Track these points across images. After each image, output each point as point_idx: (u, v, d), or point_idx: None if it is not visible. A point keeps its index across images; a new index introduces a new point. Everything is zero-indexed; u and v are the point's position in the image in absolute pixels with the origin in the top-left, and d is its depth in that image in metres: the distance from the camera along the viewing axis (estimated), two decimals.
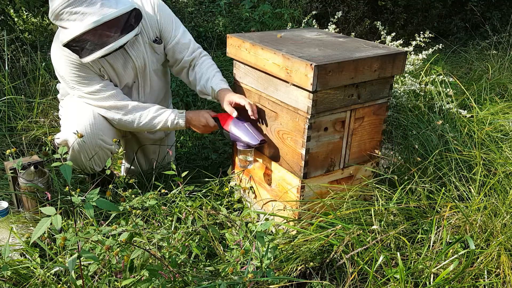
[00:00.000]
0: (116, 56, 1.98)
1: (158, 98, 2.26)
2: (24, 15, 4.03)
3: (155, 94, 2.23)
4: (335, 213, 1.75)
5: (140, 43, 2.03)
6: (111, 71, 2.01)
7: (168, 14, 2.08)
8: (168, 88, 2.37)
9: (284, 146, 1.86)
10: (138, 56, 2.04)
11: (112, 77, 2.03)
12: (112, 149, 2.09)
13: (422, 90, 2.94)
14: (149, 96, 2.20)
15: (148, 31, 2.03)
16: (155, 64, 2.13)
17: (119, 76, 2.04)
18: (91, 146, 2.00)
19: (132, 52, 2.02)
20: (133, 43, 2.00)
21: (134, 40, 2.00)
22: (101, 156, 2.07)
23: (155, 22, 2.04)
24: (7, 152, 1.71)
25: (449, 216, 1.79)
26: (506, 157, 2.17)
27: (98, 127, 2.00)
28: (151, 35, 2.05)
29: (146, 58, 2.07)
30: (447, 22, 6.13)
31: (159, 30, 2.07)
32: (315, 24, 3.57)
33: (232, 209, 2.11)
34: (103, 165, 2.13)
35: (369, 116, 1.90)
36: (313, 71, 1.59)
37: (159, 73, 2.20)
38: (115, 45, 1.80)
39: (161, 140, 2.42)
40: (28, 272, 1.57)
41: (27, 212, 1.90)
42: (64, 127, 2.07)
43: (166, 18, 2.07)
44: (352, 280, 1.53)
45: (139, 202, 1.65)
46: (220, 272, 1.51)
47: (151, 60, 2.10)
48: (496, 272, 1.60)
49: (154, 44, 2.07)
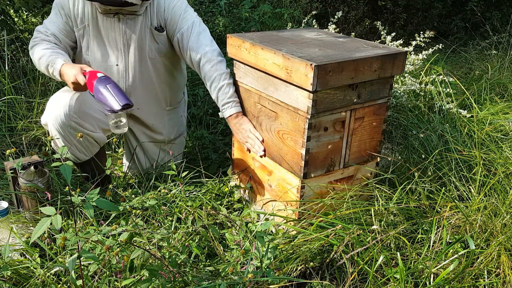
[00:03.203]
0: (106, 20, 2.02)
1: (153, 92, 2.22)
2: (24, 15, 4.03)
3: (147, 83, 2.18)
4: (335, 213, 1.75)
5: (137, 25, 2.04)
6: (96, 30, 2.05)
7: (177, 8, 2.08)
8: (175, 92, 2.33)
9: (284, 146, 1.86)
10: (125, 32, 2.04)
11: (91, 36, 2.06)
12: (94, 135, 2.08)
13: (422, 90, 2.94)
14: (140, 84, 2.16)
15: (152, 16, 2.06)
16: (154, 52, 2.13)
17: (96, 41, 2.07)
18: (66, 129, 2.00)
19: (122, 26, 2.03)
20: (129, 20, 2.02)
21: (132, 18, 2.02)
22: (82, 143, 2.08)
23: (161, 10, 2.06)
24: (7, 152, 1.71)
25: (449, 216, 1.79)
26: (506, 157, 2.17)
27: (73, 110, 2.00)
28: (155, 22, 2.07)
29: (141, 42, 2.07)
30: (447, 22, 6.13)
31: (164, 20, 2.08)
32: (315, 24, 3.57)
33: (232, 209, 2.10)
34: (87, 154, 2.13)
35: (369, 116, 1.90)
36: (313, 71, 1.59)
37: (158, 64, 2.17)
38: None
39: (164, 142, 2.41)
40: (28, 272, 1.57)
41: (27, 212, 1.90)
42: (45, 109, 2.10)
43: (174, 11, 2.07)
44: (352, 280, 1.53)
45: (139, 202, 1.65)
46: (220, 272, 1.51)
47: (149, 47, 2.11)
48: (496, 272, 1.60)
49: (155, 31, 2.08)
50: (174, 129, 2.42)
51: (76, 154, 2.10)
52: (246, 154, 2.12)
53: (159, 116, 2.33)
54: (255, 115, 1.99)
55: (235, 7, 4.75)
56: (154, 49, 2.12)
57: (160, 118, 2.33)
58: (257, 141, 1.99)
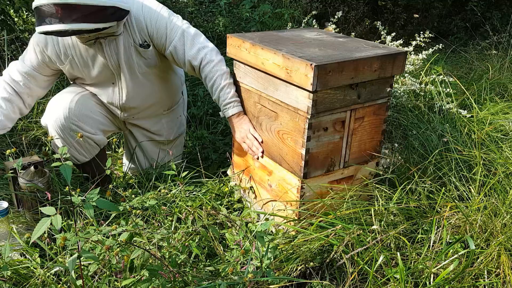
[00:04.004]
0: (89, 48, 1.97)
1: (150, 101, 2.22)
2: (24, 15, 4.03)
3: (143, 97, 2.18)
4: (335, 213, 1.75)
5: (120, 44, 1.98)
6: (82, 59, 2.02)
7: (160, 20, 1.99)
8: (172, 95, 2.32)
9: (284, 146, 1.86)
10: (111, 55, 2.00)
11: (80, 66, 2.04)
12: (94, 138, 2.09)
13: (422, 90, 2.94)
14: (135, 99, 2.16)
15: (134, 34, 1.99)
16: (143, 67, 2.08)
17: (87, 69, 2.04)
18: (66, 132, 2.01)
19: (107, 49, 1.98)
20: (111, 42, 1.97)
21: (113, 39, 1.97)
22: (82, 145, 2.08)
23: (143, 27, 1.99)
24: (7, 152, 1.71)
25: (449, 216, 1.79)
26: (506, 157, 2.17)
27: (73, 113, 2.01)
28: (138, 39, 2.00)
29: (128, 61, 2.03)
30: (447, 22, 6.13)
31: (149, 36, 2.01)
32: (315, 24, 3.57)
33: (232, 209, 2.10)
34: (87, 156, 2.13)
35: (369, 116, 1.90)
36: (313, 71, 1.59)
37: (150, 76, 2.14)
38: (61, 28, 1.73)
39: (164, 143, 2.41)
40: (28, 272, 1.57)
41: (27, 212, 1.90)
42: (46, 111, 2.10)
43: (158, 25, 1.99)
44: (352, 280, 1.53)
45: (139, 202, 1.66)
46: (220, 272, 1.51)
47: (137, 64, 2.06)
48: (496, 272, 1.60)
49: (140, 48, 2.02)
50: (173, 130, 2.42)
51: (76, 156, 2.11)
52: (246, 154, 2.12)
53: (157, 120, 2.33)
54: (255, 115, 1.99)
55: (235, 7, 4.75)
56: (143, 64, 2.08)
57: (158, 122, 2.34)
58: (255, 142, 1.99)
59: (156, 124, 2.33)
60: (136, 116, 2.26)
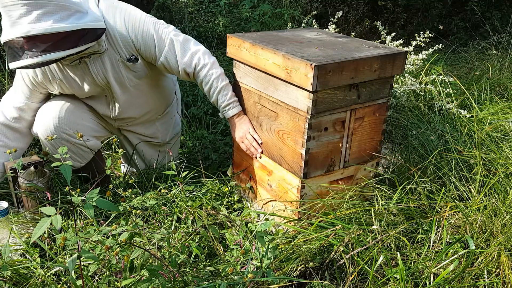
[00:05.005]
0: (75, 68, 1.93)
1: (144, 110, 2.21)
2: None
3: (137, 107, 2.17)
4: (335, 213, 1.75)
5: (106, 62, 1.94)
6: (71, 80, 1.98)
7: (146, 32, 1.93)
8: (166, 98, 2.31)
9: (284, 146, 1.86)
10: (98, 73, 1.95)
11: (70, 86, 2.01)
12: (87, 144, 2.07)
13: (422, 90, 2.94)
14: (129, 110, 2.15)
15: (119, 50, 1.94)
16: (134, 80, 2.04)
17: (78, 88, 2.02)
18: (58, 141, 2.00)
19: (93, 68, 1.94)
20: (95, 60, 1.92)
21: (98, 57, 1.92)
22: (75, 152, 2.07)
23: (129, 42, 1.93)
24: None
25: (449, 216, 1.79)
26: (506, 157, 2.17)
27: (63, 121, 1.99)
28: (124, 54, 1.95)
29: (118, 76, 2.00)
30: (447, 22, 6.13)
31: (136, 50, 1.96)
32: (315, 24, 3.57)
33: (232, 209, 2.10)
34: (82, 162, 2.12)
35: (369, 116, 1.90)
36: (313, 71, 1.59)
37: (142, 87, 2.11)
38: (32, 61, 1.66)
39: (160, 145, 2.40)
40: (28, 272, 1.57)
41: (27, 212, 1.90)
42: (35, 120, 2.08)
43: (144, 37, 1.93)
44: (352, 280, 1.53)
45: (139, 202, 1.65)
46: (220, 272, 1.51)
47: (127, 78, 2.02)
48: (496, 272, 1.60)
49: (127, 63, 1.97)
50: (168, 131, 2.40)
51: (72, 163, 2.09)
52: (246, 154, 2.12)
53: (151, 124, 2.32)
54: (255, 115, 1.99)
55: (235, 7, 4.76)
56: (133, 77, 2.04)
57: (152, 125, 2.32)
58: (254, 142, 1.99)
59: (150, 128, 2.32)
60: (131, 123, 2.25)
